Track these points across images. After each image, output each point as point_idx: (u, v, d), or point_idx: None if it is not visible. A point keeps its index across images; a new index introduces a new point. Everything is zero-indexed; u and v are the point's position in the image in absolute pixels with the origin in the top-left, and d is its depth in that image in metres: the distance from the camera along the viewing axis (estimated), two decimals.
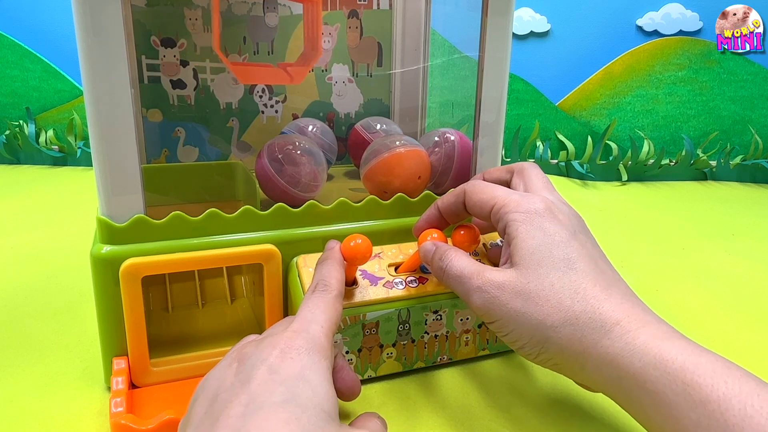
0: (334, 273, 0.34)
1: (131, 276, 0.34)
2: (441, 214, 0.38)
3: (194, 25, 0.52)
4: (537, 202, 0.33)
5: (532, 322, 0.30)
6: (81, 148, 1.13)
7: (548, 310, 0.29)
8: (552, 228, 0.32)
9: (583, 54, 1.18)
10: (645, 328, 0.28)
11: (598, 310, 0.29)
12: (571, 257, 0.31)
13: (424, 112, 0.61)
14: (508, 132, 1.15)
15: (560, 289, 0.30)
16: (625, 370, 0.27)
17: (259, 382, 0.25)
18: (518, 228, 0.32)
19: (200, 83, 0.53)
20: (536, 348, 0.30)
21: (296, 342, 0.28)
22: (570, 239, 0.31)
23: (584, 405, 0.38)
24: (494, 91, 0.43)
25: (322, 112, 0.60)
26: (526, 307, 0.30)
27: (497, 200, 0.34)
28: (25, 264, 0.61)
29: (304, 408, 0.24)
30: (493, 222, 0.34)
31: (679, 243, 0.72)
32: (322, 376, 0.27)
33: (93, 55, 0.32)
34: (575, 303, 0.29)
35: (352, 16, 0.58)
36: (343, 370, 0.33)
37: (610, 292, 0.30)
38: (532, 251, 0.31)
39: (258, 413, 0.24)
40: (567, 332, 0.29)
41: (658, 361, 0.26)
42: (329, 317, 0.30)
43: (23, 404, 0.37)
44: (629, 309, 0.29)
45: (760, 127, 1.15)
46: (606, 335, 0.28)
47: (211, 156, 0.55)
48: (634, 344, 0.27)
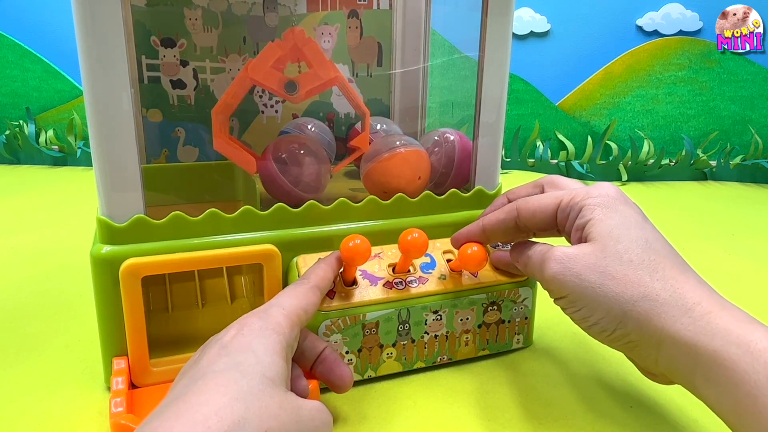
0: (317, 270, 0.35)
1: (131, 276, 0.34)
2: (484, 231, 0.38)
3: (194, 25, 0.52)
4: (609, 188, 0.33)
5: (610, 295, 0.30)
6: (81, 148, 1.13)
7: (627, 285, 0.29)
8: (627, 210, 0.32)
9: (583, 54, 1.18)
10: (725, 312, 0.28)
11: (679, 289, 0.29)
12: (649, 238, 0.31)
13: (424, 112, 0.61)
14: (508, 132, 1.15)
15: (639, 265, 0.30)
16: (704, 348, 0.27)
17: (207, 358, 0.27)
18: (594, 210, 0.32)
19: (200, 83, 0.53)
20: (612, 324, 0.30)
21: (250, 320, 0.29)
22: (644, 222, 0.32)
23: (584, 405, 0.38)
24: (494, 91, 0.43)
25: (322, 112, 0.60)
26: (602, 281, 0.30)
27: (563, 197, 0.34)
28: (25, 264, 0.61)
29: (244, 373, 0.25)
30: (559, 220, 0.34)
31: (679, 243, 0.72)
32: (270, 348, 0.28)
33: (93, 55, 0.32)
34: (655, 281, 0.29)
35: (352, 16, 0.58)
36: (332, 362, 0.34)
37: (687, 276, 0.30)
38: (610, 229, 0.31)
39: (198, 381, 0.25)
40: (646, 307, 0.29)
41: (740, 340, 0.26)
42: (295, 303, 0.31)
43: (23, 404, 0.37)
44: (708, 293, 0.29)
45: (760, 127, 1.15)
46: (687, 314, 0.28)
47: (211, 156, 0.55)
48: (716, 324, 0.27)
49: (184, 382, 0.26)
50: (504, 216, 0.36)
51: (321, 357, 0.34)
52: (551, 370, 0.42)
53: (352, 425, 0.35)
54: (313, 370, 0.34)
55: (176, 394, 0.25)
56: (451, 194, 0.44)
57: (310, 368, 0.34)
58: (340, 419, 0.35)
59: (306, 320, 0.32)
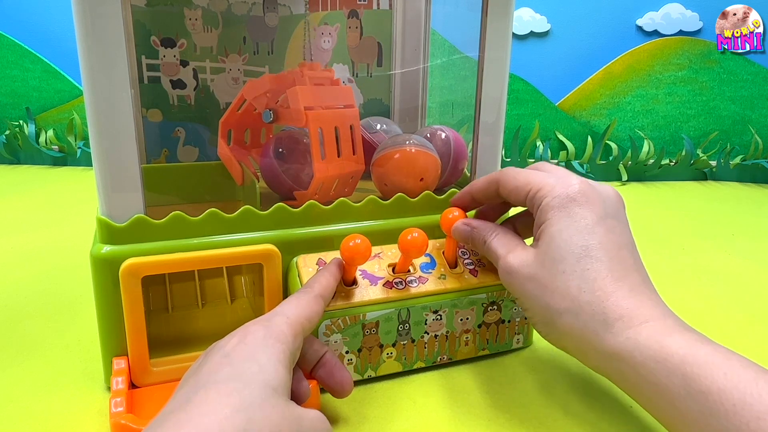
0: (321, 279, 0.35)
1: (131, 276, 0.34)
2: (473, 197, 0.39)
3: (194, 25, 0.52)
4: (573, 185, 0.33)
5: (541, 304, 0.31)
6: (81, 148, 1.13)
7: (555, 296, 0.31)
8: (580, 213, 0.32)
9: (583, 54, 1.18)
10: (647, 324, 0.29)
11: (604, 303, 0.30)
12: (590, 245, 0.31)
13: (424, 112, 0.61)
14: (508, 132, 1.15)
15: (570, 277, 0.30)
16: (626, 363, 0.28)
17: (208, 367, 0.27)
18: (548, 213, 0.33)
19: (200, 83, 0.53)
20: (545, 328, 0.32)
21: (253, 329, 0.29)
22: (595, 225, 0.32)
23: (584, 405, 0.38)
24: (494, 91, 0.43)
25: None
26: (537, 290, 0.32)
27: (532, 186, 0.34)
28: (25, 264, 0.61)
29: (248, 383, 0.25)
30: (529, 208, 0.35)
31: (679, 243, 0.72)
32: (273, 357, 0.27)
33: (93, 55, 0.32)
34: (582, 293, 0.30)
35: (352, 16, 0.58)
36: (332, 367, 0.34)
37: (621, 283, 0.30)
38: (552, 237, 0.32)
39: (200, 391, 0.25)
40: (569, 320, 0.30)
41: (658, 355, 0.27)
42: (299, 312, 0.31)
43: (23, 404, 0.37)
44: (636, 303, 0.30)
45: (760, 127, 1.15)
46: (608, 329, 0.29)
47: (211, 156, 0.55)
48: (635, 339, 0.28)
49: (185, 391, 0.26)
50: (485, 185, 0.38)
51: (322, 361, 0.34)
52: (551, 369, 0.42)
53: (353, 425, 0.35)
54: (313, 374, 0.34)
55: (177, 404, 0.25)
56: (451, 194, 0.44)
57: (310, 371, 0.34)
58: (341, 419, 0.35)
59: (309, 329, 0.32)
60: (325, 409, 0.36)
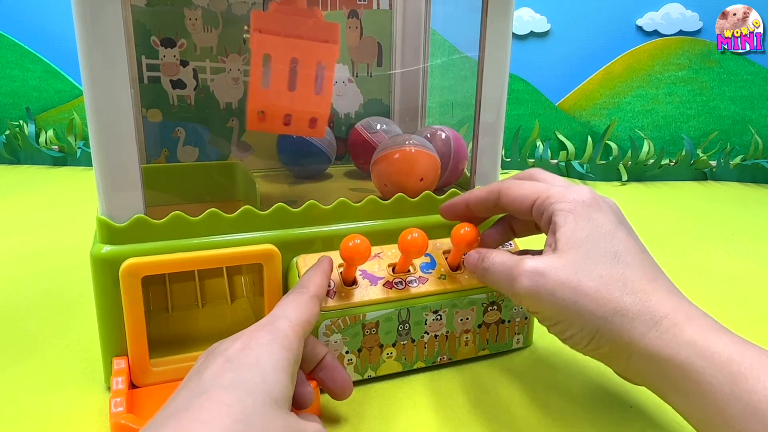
0: (314, 278, 0.35)
1: (131, 276, 0.34)
2: (468, 207, 0.38)
3: (194, 25, 0.52)
4: (583, 193, 0.33)
5: (584, 312, 0.30)
6: (81, 148, 1.13)
7: (599, 301, 0.30)
8: (599, 219, 0.32)
9: (583, 54, 1.18)
10: (692, 322, 0.28)
11: (647, 302, 0.29)
12: (618, 250, 0.31)
13: (424, 112, 0.61)
14: (508, 132, 1.15)
15: (609, 280, 0.30)
16: (671, 361, 0.28)
17: (211, 370, 0.26)
18: (566, 218, 0.32)
19: (200, 83, 0.53)
20: (587, 338, 0.30)
21: (258, 334, 0.29)
22: (616, 230, 0.32)
23: (584, 404, 0.38)
24: (494, 91, 0.43)
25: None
26: (576, 298, 0.30)
27: (540, 194, 0.34)
28: (25, 264, 0.61)
29: (250, 392, 0.25)
30: (534, 216, 0.34)
31: (679, 243, 0.72)
32: (277, 365, 0.27)
33: (93, 55, 0.32)
34: (624, 295, 0.30)
35: (352, 16, 0.58)
36: (333, 369, 0.34)
37: (655, 285, 0.30)
38: (581, 242, 0.31)
39: (202, 396, 0.24)
40: (618, 323, 0.29)
41: (705, 352, 0.27)
42: (300, 315, 0.31)
43: (23, 404, 0.37)
44: (676, 302, 0.29)
45: (760, 127, 1.15)
46: (654, 327, 0.29)
47: (211, 156, 0.55)
48: (681, 336, 0.28)
49: (185, 394, 0.25)
50: (485, 195, 0.37)
51: (322, 363, 0.34)
52: (551, 369, 0.42)
53: (352, 425, 0.35)
54: (313, 375, 0.34)
55: (178, 407, 0.24)
56: (451, 194, 0.44)
57: (309, 372, 0.34)
58: (341, 419, 0.35)
59: (309, 332, 0.32)
60: (324, 409, 0.36)
